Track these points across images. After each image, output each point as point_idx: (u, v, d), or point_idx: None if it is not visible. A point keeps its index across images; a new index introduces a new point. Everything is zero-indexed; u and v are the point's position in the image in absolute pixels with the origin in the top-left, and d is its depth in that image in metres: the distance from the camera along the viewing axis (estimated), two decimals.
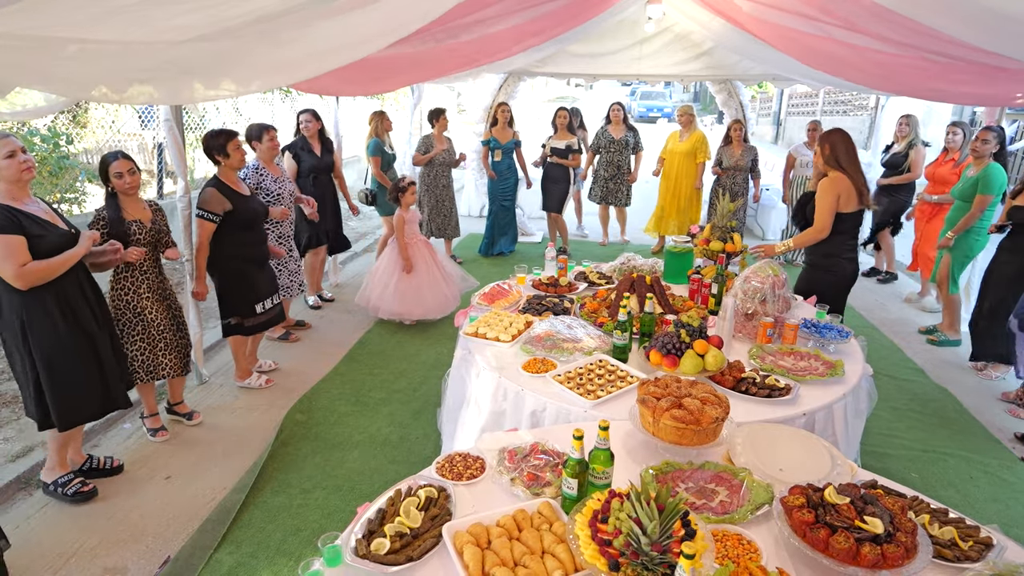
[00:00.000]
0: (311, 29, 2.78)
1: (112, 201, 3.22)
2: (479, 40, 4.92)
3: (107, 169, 3.18)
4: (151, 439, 3.60)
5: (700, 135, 7.42)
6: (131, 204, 3.28)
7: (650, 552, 1.39)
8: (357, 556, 1.55)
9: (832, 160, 3.54)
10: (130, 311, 3.34)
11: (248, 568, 2.71)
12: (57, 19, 1.97)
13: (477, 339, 2.99)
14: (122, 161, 3.19)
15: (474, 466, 1.95)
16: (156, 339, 3.43)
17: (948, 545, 1.62)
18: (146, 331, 3.39)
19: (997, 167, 4.72)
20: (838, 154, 3.52)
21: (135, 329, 3.37)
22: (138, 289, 3.34)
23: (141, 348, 3.40)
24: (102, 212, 3.21)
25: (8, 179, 2.67)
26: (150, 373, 3.45)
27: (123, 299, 3.32)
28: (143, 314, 3.37)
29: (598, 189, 7.79)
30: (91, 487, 3.11)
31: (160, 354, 3.46)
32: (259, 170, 4.41)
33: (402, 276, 5.17)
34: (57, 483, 3.06)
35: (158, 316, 3.42)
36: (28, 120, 6.02)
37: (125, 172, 3.19)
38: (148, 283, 3.38)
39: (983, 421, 4.10)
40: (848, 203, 3.52)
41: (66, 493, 3.04)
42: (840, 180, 3.51)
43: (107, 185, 3.24)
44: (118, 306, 3.33)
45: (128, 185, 3.21)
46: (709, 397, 2.07)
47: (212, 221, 3.73)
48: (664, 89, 28.06)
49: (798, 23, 4.36)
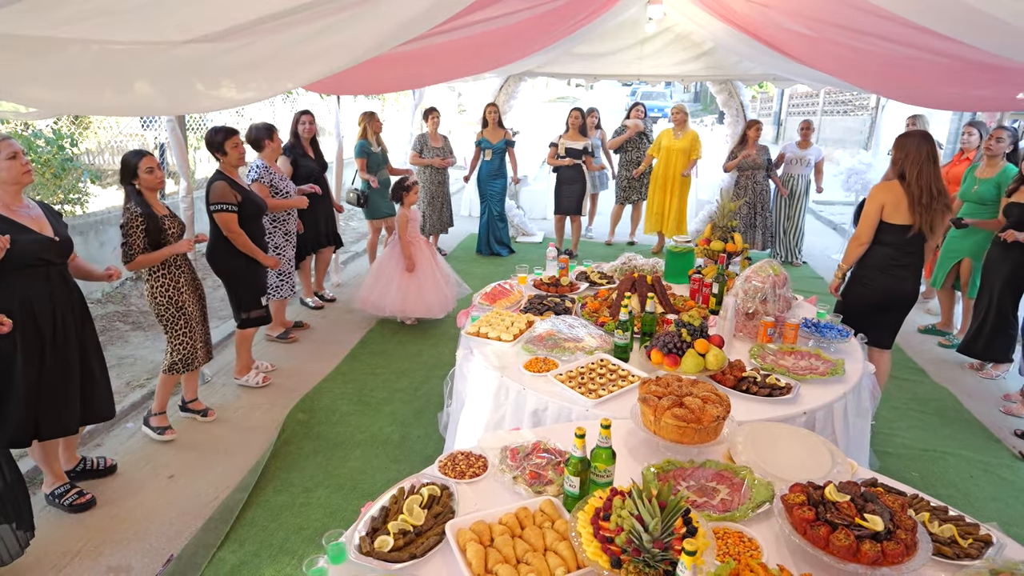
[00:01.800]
0: (313, 29, 2.79)
1: (140, 199, 3.25)
2: (479, 41, 4.93)
3: (135, 167, 3.20)
4: (157, 438, 3.61)
5: (694, 133, 7.45)
6: (155, 201, 3.33)
7: (652, 549, 1.40)
8: (361, 553, 1.56)
9: (896, 168, 3.28)
10: (173, 306, 3.41)
11: (251, 566, 2.72)
12: (58, 19, 1.98)
13: (479, 339, 3.00)
14: (149, 157, 3.25)
15: (476, 464, 1.96)
16: (195, 331, 3.54)
17: (948, 543, 1.63)
18: (188, 324, 3.49)
19: (1013, 168, 4.68)
20: (905, 163, 3.23)
21: (178, 324, 3.45)
22: (177, 283, 3.42)
23: (184, 343, 3.50)
24: (135, 210, 3.20)
25: (8, 181, 2.65)
26: (187, 365, 3.55)
27: (165, 295, 3.38)
28: (184, 308, 3.45)
29: (621, 190, 7.87)
30: (88, 497, 3.07)
31: (197, 346, 3.57)
32: (269, 169, 4.50)
33: (404, 274, 5.17)
34: (54, 494, 3.04)
35: (194, 309, 3.53)
36: (32, 121, 6.04)
37: (155, 167, 3.25)
38: (185, 277, 3.48)
39: (983, 420, 4.11)
40: (895, 214, 3.25)
41: (63, 504, 3.02)
42: (890, 188, 3.26)
43: (132, 184, 3.24)
44: (161, 303, 3.40)
45: (159, 179, 3.27)
46: (710, 396, 2.08)
47: (233, 211, 3.80)
48: (664, 89, 28.06)
49: (797, 25, 4.37)
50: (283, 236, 4.69)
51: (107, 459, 3.36)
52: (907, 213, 3.23)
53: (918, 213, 3.21)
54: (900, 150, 3.27)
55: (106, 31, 2.13)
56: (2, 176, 2.63)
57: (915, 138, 3.27)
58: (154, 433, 3.63)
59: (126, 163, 3.23)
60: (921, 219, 3.21)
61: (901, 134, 3.35)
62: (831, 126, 16.84)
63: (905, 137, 3.31)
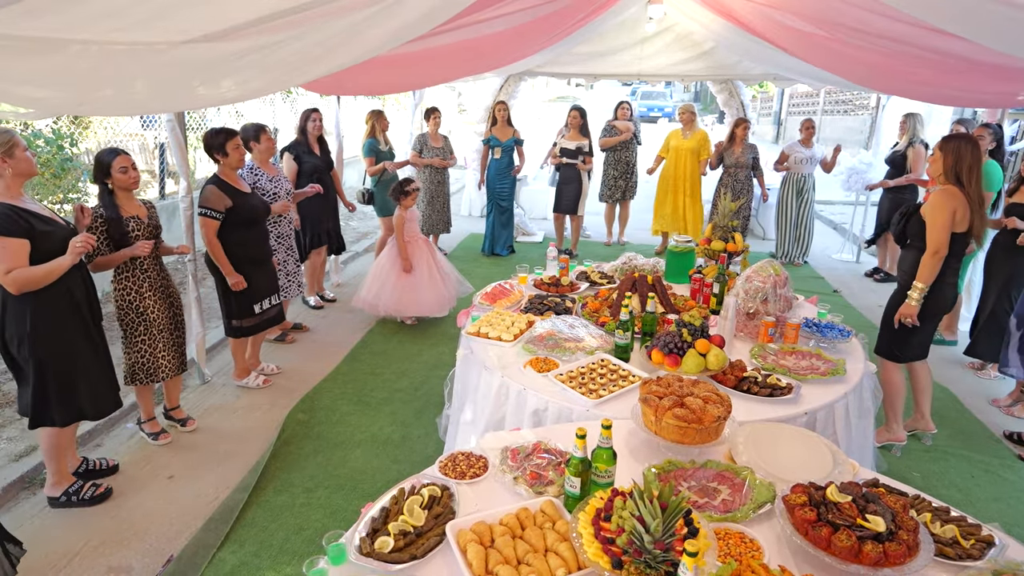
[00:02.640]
0: (314, 29, 2.78)
1: (109, 199, 3.20)
2: (480, 42, 4.93)
3: (108, 166, 3.16)
4: (153, 443, 3.59)
5: (703, 133, 7.43)
6: (127, 201, 3.26)
7: (653, 550, 1.39)
8: (361, 554, 1.55)
9: (951, 173, 3.10)
10: (133, 311, 3.33)
11: (251, 567, 2.71)
12: (59, 19, 1.97)
13: (479, 338, 2.99)
14: (124, 156, 3.20)
15: (477, 465, 1.96)
16: (157, 339, 3.41)
17: (950, 543, 1.62)
18: (148, 332, 3.38)
19: (993, 164, 4.71)
20: (961, 167, 3.07)
21: (138, 330, 3.36)
22: (140, 288, 3.32)
23: (142, 351, 3.39)
24: (99, 211, 3.18)
25: (25, 173, 2.71)
26: (150, 376, 3.43)
27: (126, 299, 3.31)
28: (146, 314, 3.35)
29: (606, 189, 7.81)
30: (105, 487, 3.13)
31: (160, 355, 3.44)
32: (254, 170, 4.40)
33: (400, 274, 5.17)
34: (68, 493, 3.04)
35: (160, 315, 3.40)
36: (31, 121, 6.03)
37: (130, 166, 3.20)
38: (150, 281, 3.35)
39: (984, 420, 4.10)
40: (963, 222, 3.10)
41: (83, 498, 3.04)
42: (955, 195, 3.08)
43: (105, 183, 3.21)
44: (121, 307, 3.32)
45: (133, 180, 3.21)
46: (711, 396, 2.07)
47: (215, 219, 3.73)
48: (665, 89, 28.06)
49: (798, 23, 4.37)
50: (275, 238, 4.57)
51: (109, 460, 3.36)
52: (967, 221, 3.11)
53: (977, 217, 3.10)
54: (953, 154, 3.10)
55: (107, 31, 2.13)
56: (21, 168, 2.69)
57: (966, 143, 3.11)
58: (149, 439, 3.61)
59: (99, 161, 3.18)
60: (978, 223, 3.11)
61: (948, 137, 3.18)
62: (831, 126, 16.84)
63: (956, 141, 3.12)
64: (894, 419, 3.66)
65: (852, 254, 8.00)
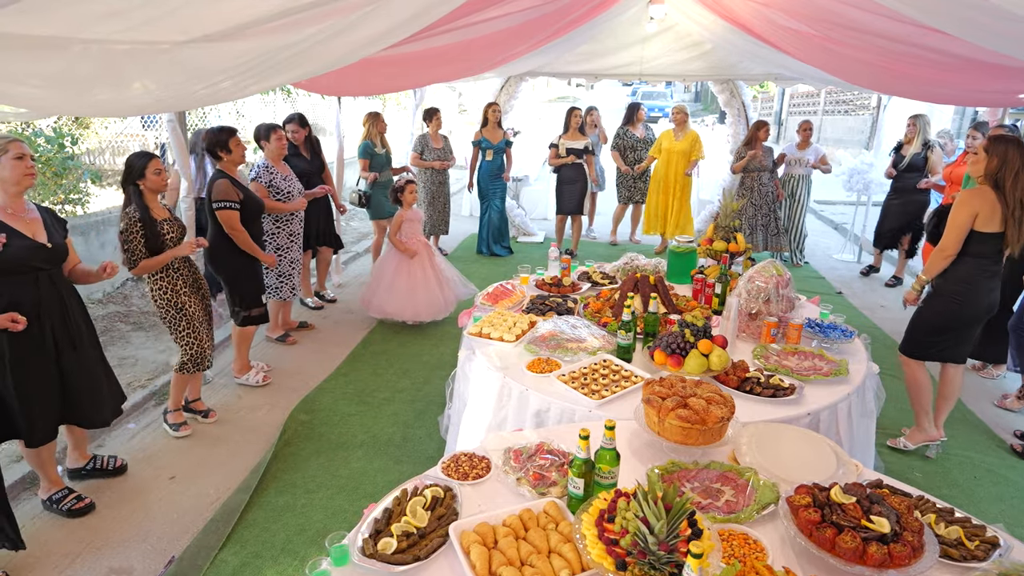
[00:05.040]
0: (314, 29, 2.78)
1: (141, 202, 3.22)
2: (480, 41, 4.93)
3: (143, 169, 3.17)
4: (173, 434, 3.64)
5: (695, 134, 7.43)
6: (154, 204, 3.32)
7: (657, 551, 1.39)
8: (364, 555, 1.55)
9: (993, 176, 3.02)
10: (173, 308, 3.42)
11: (252, 568, 2.71)
12: (59, 19, 1.97)
13: (481, 339, 2.99)
14: (156, 159, 3.24)
15: (480, 466, 1.95)
16: (199, 330, 3.54)
17: (954, 544, 1.61)
18: (190, 324, 3.49)
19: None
20: (1006, 172, 2.98)
21: (180, 324, 3.46)
22: (175, 285, 3.41)
23: (190, 342, 3.50)
24: (134, 215, 3.18)
25: (10, 181, 2.61)
26: (198, 365, 3.56)
27: (164, 297, 3.39)
28: (184, 308, 3.45)
29: (625, 190, 7.86)
30: (87, 502, 3.03)
31: (205, 345, 3.57)
32: (269, 169, 4.47)
33: (396, 275, 5.15)
34: (52, 499, 3.02)
35: (196, 309, 3.52)
36: (32, 120, 6.03)
37: (163, 169, 3.25)
38: (183, 279, 3.46)
39: (986, 421, 4.10)
40: (990, 222, 3.02)
41: (61, 509, 3.00)
42: (983, 195, 3.01)
43: (136, 186, 3.20)
44: (161, 304, 3.41)
45: (165, 181, 3.28)
46: (714, 397, 2.07)
47: (235, 208, 3.82)
48: (665, 89, 28.08)
49: (796, 23, 4.36)
50: (287, 237, 4.66)
51: (117, 458, 3.37)
52: (1000, 222, 3.04)
53: (1012, 224, 3.03)
54: (998, 157, 3.02)
55: (109, 32, 2.13)
56: (4, 175, 2.61)
57: (1016, 146, 3.00)
58: (171, 430, 3.67)
59: (131, 165, 3.20)
60: (1013, 231, 3.03)
61: (995, 137, 3.07)
62: (832, 126, 16.84)
63: (1006, 144, 3.02)
64: (924, 418, 3.59)
65: (853, 254, 8.00)
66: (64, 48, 2.12)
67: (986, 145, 3.07)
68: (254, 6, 2.30)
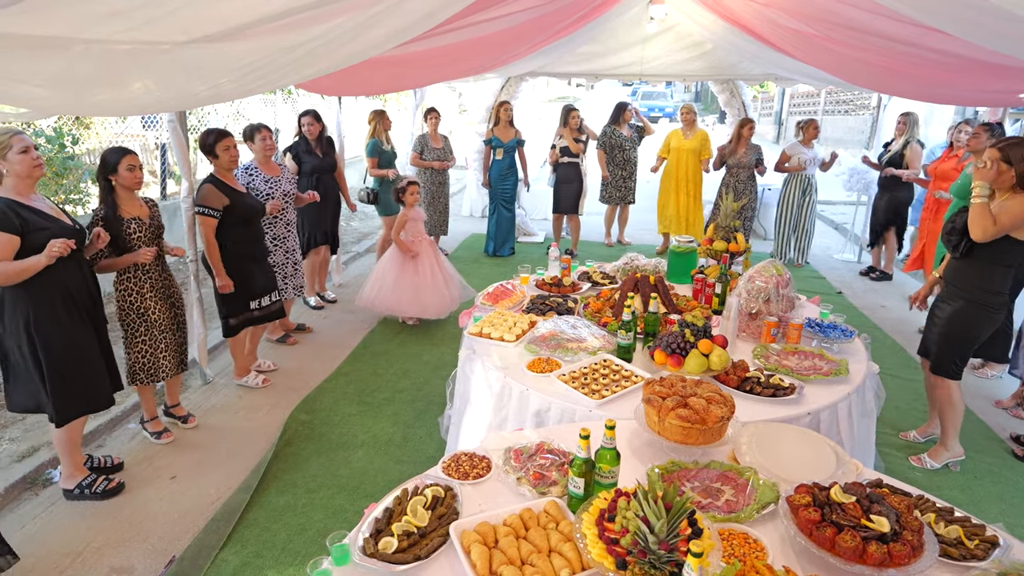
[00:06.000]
0: (314, 29, 2.79)
1: (109, 199, 3.20)
2: (481, 42, 4.93)
3: (115, 164, 3.15)
4: (155, 442, 3.60)
5: (704, 133, 7.43)
6: (129, 202, 3.26)
7: (657, 551, 1.39)
8: (365, 555, 1.55)
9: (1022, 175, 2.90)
10: (134, 312, 3.34)
11: (253, 567, 2.71)
12: (60, 20, 1.97)
13: (481, 339, 2.99)
14: (132, 155, 3.21)
15: (480, 465, 1.96)
16: (158, 340, 3.42)
17: (954, 544, 1.62)
18: (149, 332, 3.38)
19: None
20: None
21: (138, 330, 3.37)
22: (141, 289, 3.33)
23: (143, 351, 3.40)
24: (100, 212, 3.19)
25: (19, 174, 2.70)
26: (150, 376, 3.45)
27: (127, 300, 3.32)
28: (146, 315, 3.36)
29: (613, 190, 7.75)
30: (117, 481, 3.16)
31: (160, 356, 3.45)
32: (249, 170, 4.42)
33: (401, 273, 5.16)
34: (82, 485, 3.08)
35: (161, 316, 3.41)
36: (33, 120, 6.03)
37: (136, 166, 3.21)
38: (151, 282, 3.36)
39: (986, 420, 4.10)
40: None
41: (96, 491, 3.08)
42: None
43: (108, 182, 3.20)
44: (123, 307, 3.33)
45: (138, 180, 3.23)
46: (714, 396, 2.07)
47: (213, 216, 3.76)
48: (665, 89, 28.07)
49: (796, 23, 4.36)
50: (270, 240, 4.53)
51: (113, 457, 3.37)
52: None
53: None
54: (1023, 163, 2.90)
55: (110, 32, 2.13)
56: (16, 169, 2.68)
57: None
58: (152, 438, 3.62)
59: (105, 160, 3.18)
60: None
61: (1011, 144, 2.95)
62: (832, 125, 16.84)
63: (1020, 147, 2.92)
64: (953, 436, 3.50)
65: (853, 254, 8.00)
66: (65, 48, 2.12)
67: (1003, 155, 2.92)
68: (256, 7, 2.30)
